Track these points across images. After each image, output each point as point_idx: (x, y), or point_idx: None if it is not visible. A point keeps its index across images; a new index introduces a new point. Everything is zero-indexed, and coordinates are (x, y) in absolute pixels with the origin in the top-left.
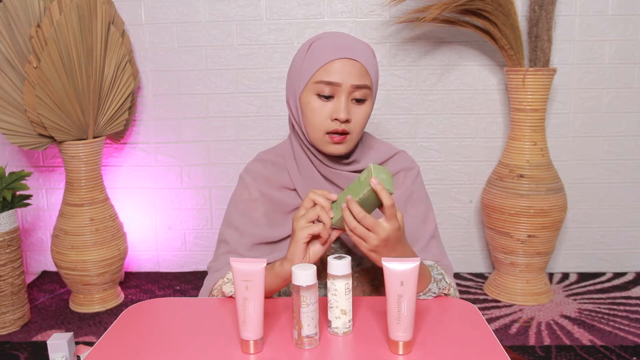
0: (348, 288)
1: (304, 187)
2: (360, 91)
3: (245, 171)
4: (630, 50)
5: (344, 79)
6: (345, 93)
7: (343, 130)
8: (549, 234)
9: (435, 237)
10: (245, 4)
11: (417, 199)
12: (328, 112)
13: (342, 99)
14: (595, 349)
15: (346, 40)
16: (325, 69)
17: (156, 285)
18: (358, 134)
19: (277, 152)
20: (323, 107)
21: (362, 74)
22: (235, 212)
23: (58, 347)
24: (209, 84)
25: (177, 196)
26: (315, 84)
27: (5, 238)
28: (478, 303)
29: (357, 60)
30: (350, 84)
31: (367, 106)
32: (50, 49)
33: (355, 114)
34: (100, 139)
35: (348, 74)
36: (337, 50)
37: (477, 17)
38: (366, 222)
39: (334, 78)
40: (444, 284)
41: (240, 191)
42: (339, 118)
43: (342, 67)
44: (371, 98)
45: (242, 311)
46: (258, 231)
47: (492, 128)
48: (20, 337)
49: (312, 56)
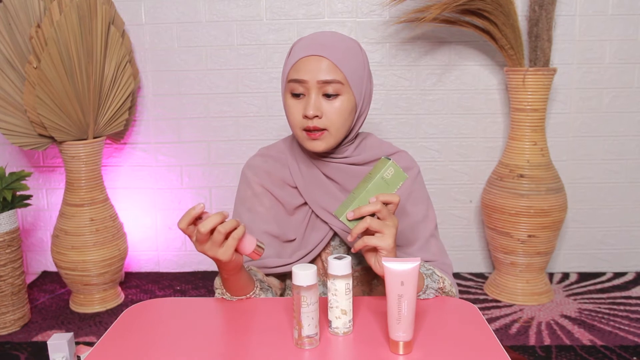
0: (348, 288)
1: (305, 184)
2: (331, 86)
3: (246, 166)
4: (630, 50)
5: (309, 75)
6: (314, 90)
7: (315, 127)
8: (549, 234)
9: (434, 236)
10: (245, 4)
11: (417, 197)
12: (300, 109)
13: (312, 95)
14: (596, 349)
15: (320, 39)
16: (295, 68)
17: (156, 286)
18: (337, 129)
19: (278, 148)
20: (296, 105)
21: (329, 69)
22: (242, 209)
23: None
24: (209, 84)
25: (177, 196)
26: (288, 83)
27: (6, 238)
28: (478, 303)
29: (323, 56)
30: (317, 80)
31: (340, 101)
32: (50, 49)
33: (327, 109)
34: (101, 139)
35: (315, 71)
36: (306, 49)
37: (477, 17)
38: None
39: (301, 75)
40: (436, 277)
41: (243, 189)
42: (307, 114)
43: (309, 64)
44: (347, 93)
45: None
46: (266, 227)
47: (492, 128)
48: (21, 337)
49: (289, 57)
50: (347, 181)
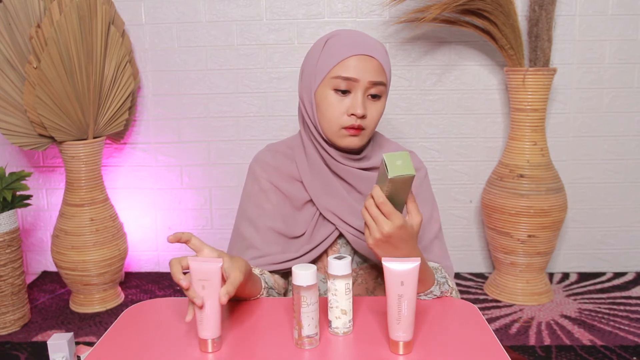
0: (348, 288)
1: (312, 180)
2: (377, 87)
3: (254, 161)
4: (630, 50)
5: (361, 75)
6: (362, 89)
7: (359, 125)
8: (549, 234)
9: (438, 237)
10: (245, 4)
11: (423, 199)
12: (344, 107)
13: (358, 94)
14: (596, 349)
15: (362, 38)
16: (343, 65)
17: (156, 286)
18: (372, 129)
19: (287, 144)
20: (340, 102)
21: (378, 70)
22: (249, 205)
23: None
24: (209, 84)
25: (177, 196)
26: (332, 79)
27: (6, 238)
28: (478, 303)
29: (373, 57)
30: (368, 80)
31: (381, 103)
32: (50, 49)
33: (371, 110)
34: (101, 139)
35: (365, 70)
36: (355, 47)
37: (477, 17)
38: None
39: (352, 73)
40: (447, 287)
41: (251, 184)
42: (356, 113)
43: (359, 63)
44: (385, 95)
45: (198, 310)
46: (271, 223)
47: (492, 128)
48: (21, 338)
49: (329, 52)
50: (353, 180)
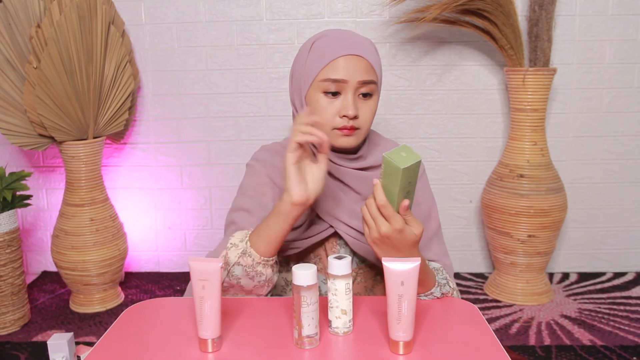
0: (348, 288)
1: None
2: (367, 86)
3: (253, 159)
4: (630, 50)
5: (350, 75)
6: (352, 89)
7: (352, 126)
8: (549, 234)
9: (437, 235)
10: (245, 4)
11: (422, 194)
12: (335, 109)
13: (349, 95)
14: (596, 349)
15: (349, 37)
16: (331, 67)
17: (156, 286)
18: (367, 128)
19: (282, 144)
20: (330, 104)
21: (367, 69)
22: (245, 197)
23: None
24: (209, 84)
25: (177, 196)
26: (321, 82)
27: (6, 238)
28: (478, 303)
29: (362, 56)
30: (357, 80)
31: (373, 101)
32: (50, 49)
33: (363, 109)
34: (101, 139)
35: (354, 71)
36: (341, 48)
37: (477, 17)
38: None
39: (341, 75)
40: (448, 288)
41: (248, 177)
42: (348, 115)
43: (348, 63)
44: (377, 92)
45: (199, 310)
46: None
47: (492, 128)
48: (21, 338)
49: (316, 54)
50: (349, 181)
